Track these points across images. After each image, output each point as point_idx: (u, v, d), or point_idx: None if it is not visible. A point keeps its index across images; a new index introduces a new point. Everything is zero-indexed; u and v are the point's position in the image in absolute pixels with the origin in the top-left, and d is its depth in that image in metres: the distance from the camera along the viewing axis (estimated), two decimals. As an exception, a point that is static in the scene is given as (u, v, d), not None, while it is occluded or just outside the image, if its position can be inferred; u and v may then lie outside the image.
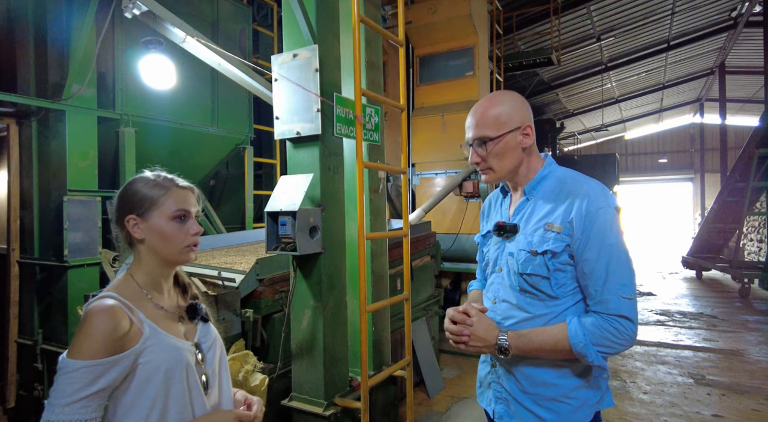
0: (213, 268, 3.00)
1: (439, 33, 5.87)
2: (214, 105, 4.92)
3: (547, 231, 1.31)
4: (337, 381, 2.63)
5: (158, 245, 1.19)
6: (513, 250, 1.38)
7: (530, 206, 1.40)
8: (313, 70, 2.45)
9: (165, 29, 2.77)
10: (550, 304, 1.32)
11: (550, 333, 1.28)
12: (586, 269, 1.26)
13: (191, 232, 1.22)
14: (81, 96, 3.62)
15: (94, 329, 1.04)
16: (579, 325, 1.25)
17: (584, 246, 1.26)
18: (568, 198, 1.31)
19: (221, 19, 4.86)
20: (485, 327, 1.35)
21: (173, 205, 1.19)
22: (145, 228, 1.18)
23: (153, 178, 1.23)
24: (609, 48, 12.39)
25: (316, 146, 2.51)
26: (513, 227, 1.40)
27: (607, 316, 1.23)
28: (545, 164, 1.43)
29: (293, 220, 2.38)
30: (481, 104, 1.41)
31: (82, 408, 1.00)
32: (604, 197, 1.29)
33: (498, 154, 1.36)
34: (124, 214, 1.19)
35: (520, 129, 1.36)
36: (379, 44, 3.09)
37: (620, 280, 1.23)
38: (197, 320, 1.29)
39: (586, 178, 1.37)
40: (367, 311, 2.47)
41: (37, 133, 3.79)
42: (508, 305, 1.40)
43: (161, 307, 1.22)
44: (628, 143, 23.76)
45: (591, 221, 1.25)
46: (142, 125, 4.16)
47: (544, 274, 1.30)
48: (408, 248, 2.84)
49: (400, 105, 2.84)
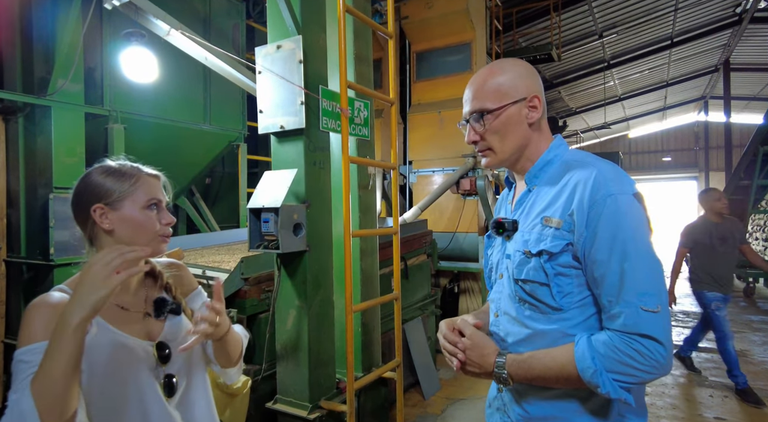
0: (198, 266, 2.92)
1: (436, 28, 5.77)
2: (206, 102, 4.86)
3: (545, 227, 1.06)
4: (322, 383, 2.55)
5: (129, 236, 1.11)
6: (510, 251, 1.14)
7: (532, 197, 1.15)
8: (297, 62, 2.37)
9: (149, 22, 2.69)
10: (554, 318, 1.05)
11: (554, 357, 1.02)
12: (596, 274, 0.99)
13: (163, 221, 1.16)
14: (67, 92, 3.56)
15: (32, 318, 0.98)
16: (588, 346, 0.98)
17: (590, 245, 0.99)
18: (570, 184, 1.04)
19: (214, 14, 4.79)
20: (481, 349, 1.11)
21: (145, 194, 1.13)
22: (115, 218, 1.10)
23: (118, 167, 1.15)
24: (611, 45, 12.26)
25: (301, 140, 2.43)
26: (513, 224, 1.15)
27: (625, 335, 0.94)
28: (551, 146, 1.16)
29: (276, 217, 2.30)
30: (480, 73, 1.17)
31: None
32: (615, 180, 1.00)
33: (499, 130, 1.12)
34: (88, 205, 1.10)
35: (526, 100, 1.11)
36: (368, 37, 3.01)
37: (640, 287, 0.94)
38: (165, 315, 1.20)
39: (595, 158, 1.09)
40: (353, 312, 2.39)
41: (24, 129, 3.72)
42: (508, 319, 1.15)
43: (120, 306, 1.14)
44: (632, 141, 23.59)
45: (597, 213, 0.97)
46: (131, 122, 4.09)
47: (541, 280, 1.05)
48: (398, 246, 2.75)
49: (389, 98, 2.76)
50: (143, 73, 3.03)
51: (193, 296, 1.34)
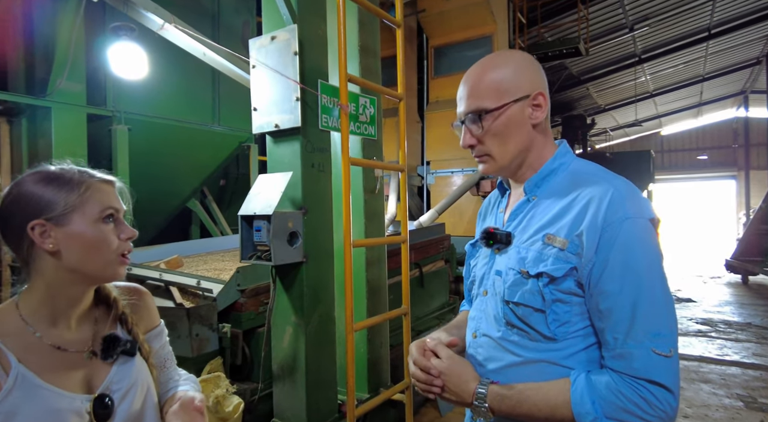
0: (192, 276, 2.74)
1: (455, 21, 5.49)
2: (215, 101, 4.72)
3: (546, 245, 0.93)
4: (321, 407, 2.32)
5: (79, 258, 0.89)
6: (502, 268, 1.01)
7: (531, 208, 1.01)
8: (292, 54, 2.15)
9: (141, 16, 2.52)
10: (543, 347, 0.93)
11: (546, 396, 0.89)
12: (602, 306, 0.87)
13: (123, 236, 0.94)
14: (68, 92, 3.45)
15: None
16: (588, 388, 0.86)
17: (599, 272, 0.87)
18: (580, 201, 0.92)
19: (223, 11, 4.64)
20: (458, 375, 0.98)
21: (98, 204, 0.91)
22: (60, 237, 0.88)
23: (60, 172, 0.92)
24: (643, 38, 11.66)
25: (297, 140, 2.21)
26: (506, 237, 1.01)
27: (632, 379, 0.83)
28: (556, 154, 1.03)
29: (268, 225, 2.08)
30: (476, 67, 1.03)
31: None
32: (633, 201, 0.89)
33: (499, 133, 0.99)
34: (24, 221, 0.87)
35: (530, 98, 0.98)
36: (375, 27, 2.77)
37: (654, 327, 0.83)
38: (115, 356, 0.96)
39: (609, 174, 0.97)
40: (354, 330, 2.15)
41: (27, 131, 3.64)
42: (490, 342, 1.02)
43: (56, 346, 0.91)
44: (664, 139, 22.61)
45: (611, 237, 0.86)
46: (136, 123, 3.97)
47: (536, 305, 0.92)
48: (407, 256, 2.50)
49: (397, 94, 2.51)
50: (132, 70, 2.87)
51: (151, 335, 1.10)
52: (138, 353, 1.01)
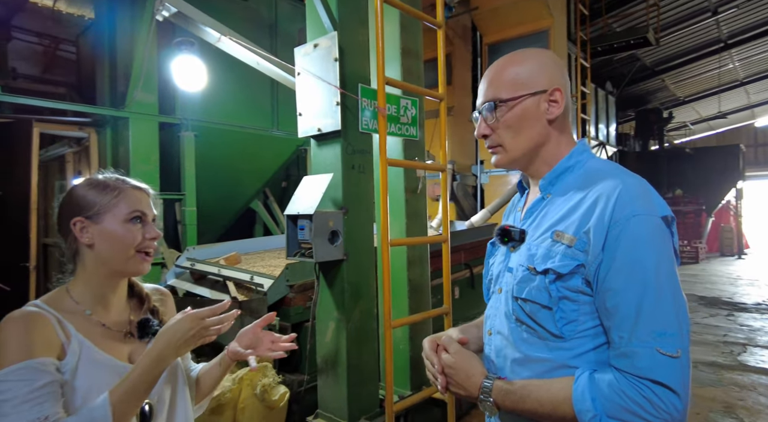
0: (247, 272, 2.93)
1: (509, 17, 5.36)
2: (273, 107, 4.96)
3: (555, 242, 0.93)
4: (363, 401, 2.39)
5: (108, 252, 1.06)
6: (513, 265, 1.02)
7: (545, 206, 1.02)
8: (333, 60, 2.24)
9: (199, 30, 2.74)
10: (552, 345, 0.93)
11: (549, 392, 0.90)
12: (608, 304, 0.86)
13: (147, 235, 1.09)
14: (143, 103, 3.80)
15: (6, 337, 0.93)
16: (589, 385, 0.85)
17: (606, 270, 0.86)
18: (589, 198, 0.92)
19: (279, 20, 4.88)
20: (466, 369, 1.00)
21: (127, 206, 1.08)
22: (95, 232, 1.05)
23: (103, 179, 1.11)
24: (729, 22, 10.63)
25: (338, 143, 2.30)
26: (520, 234, 1.02)
27: (635, 378, 0.81)
28: (572, 152, 1.02)
29: (311, 224, 2.19)
30: (498, 62, 1.06)
31: (35, 406, 0.89)
32: (643, 198, 0.87)
33: (512, 124, 1.01)
34: (69, 217, 1.06)
35: (546, 93, 0.99)
36: (418, 30, 2.80)
37: (659, 326, 0.82)
38: (148, 338, 1.14)
39: (622, 171, 0.96)
40: (392, 327, 2.20)
41: (111, 139, 4.06)
42: (501, 339, 1.03)
43: (102, 324, 1.08)
44: (759, 131, 20.40)
45: (618, 234, 0.85)
46: (202, 129, 4.29)
47: (543, 302, 0.93)
48: (448, 256, 2.51)
49: (437, 94, 2.52)
50: (193, 81, 3.11)
51: None
52: None
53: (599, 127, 8.28)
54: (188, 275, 3.43)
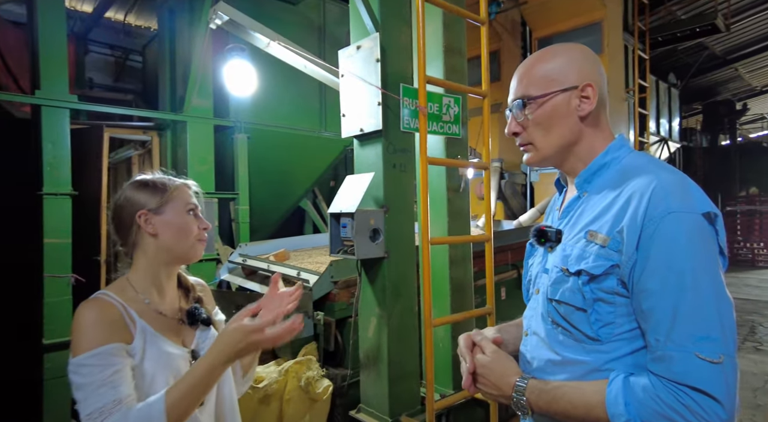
0: (294, 268, 3.03)
1: (560, 10, 5.18)
2: (322, 109, 5.09)
3: (588, 242, 0.90)
4: (404, 398, 2.41)
5: (171, 239, 1.18)
6: (550, 266, 1.00)
7: (581, 205, 0.99)
8: (374, 61, 2.28)
9: (250, 36, 2.87)
10: (589, 348, 0.91)
11: (582, 395, 0.88)
12: (644, 306, 0.83)
13: (201, 226, 1.22)
14: (199, 107, 4.03)
15: (83, 324, 1.04)
16: (624, 389, 0.82)
17: (640, 270, 0.82)
18: (624, 195, 0.88)
19: (327, 23, 5.00)
20: (501, 369, 0.99)
21: (183, 200, 1.21)
22: (158, 222, 1.17)
23: (154, 178, 1.23)
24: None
25: (379, 143, 2.33)
26: (557, 234, 1.00)
27: (671, 384, 0.78)
28: (609, 148, 0.99)
29: (352, 222, 2.24)
30: (528, 58, 1.05)
31: (110, 390, 0.99)
32: (680, 194, 0.83)
33: (542, 122, 0.99)
34: (132, 213, 1.18)
35: (577, 89, 0.97)
36: (461, 27, 2.77)
37: (698, 329, 0.77)
38: (197, 325, 1.25)
39: (659, 166, 0.91)
40: (433, 326, 2.20)
41: (171, 142, 4.33)
42: (537, 340, 1.02)
43: (159, 311, 1.18)
44: None
45: (652, 232, 0.82)
46: (254, 131, 4.47)
47: (577, 304, 0.90)
48: (491, 255, 2.48)
49: (481, 91, 2.49)
50: (244, 86, 3.26)
51: (213, 314, 1.37)
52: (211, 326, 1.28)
53: (660, 122, 7.81)
54: (240, 271, 3.60)
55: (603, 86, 1.00)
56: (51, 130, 3.21)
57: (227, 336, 1.04)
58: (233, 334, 1.03)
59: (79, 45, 6.44)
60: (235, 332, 1.03)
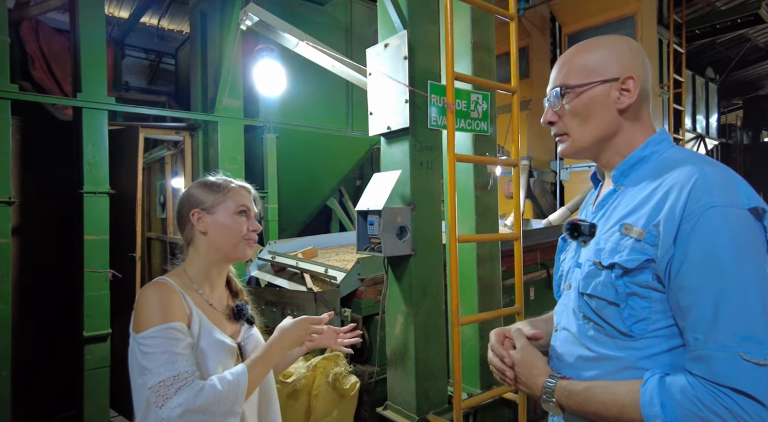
0: (322, 265, 3.06)
1: (590, 4, 5.05)
2: (348, 108, 5.12)
3: (623, 236, 0.88)
4: (432, 397, 2.41)
5: (219, 238, 1.24)
6: (582, 260, 0.99)
7: (616, 198, 0.97)
8: (402, 58, 2.28)
9: (279, 36, 2.92)
10: (621, 344, 0.88)
11: (614, 395, 0.85)
12: (682, 302, 0.80)
13: (251, 228, 1.27)
14: (230, 108, 4.12)
15: (150, 302, 1.11)
16: (659, 390, 0.79)
17: (678, 265, 0.80)
18: (662, 188, 0.86)
19: (354, 23, 5.02)
20: (530, 367, 0.98)
21: (235, 202, 1.26)
22: (209, 222, 1.24)
23: (214, 180, 1.31)
24: None
25: (406, 140, 2.33)
26: (590, 228, 0.98)
27: (712, 385, 0.74)
28: (648, 141, 0.96)
29: (379, 219, 2.25)
30: (569, 50, 1.03)
31: (184, 360, 1.04)
32: (724, 188, 0.80)
33: (579, 112, 0.96)
34: (188, 211, 1.25)
35: (618, 82, 0.94)
36: (489, 24, 2.74)
37: (743, 328, 0.74)
38: (242, 321, 1.32)
39: (701, 159, 0.88)
40: (460, 324, 2.19)
41: (202, 142, 4.44)
42: (568, 336, 1.00)
43: (209, 303, 1.25)
44: None
45: (691, 227, 0.78)
46: (283, 131, 4.54)
47: (609, 298, 0.88)
48: (520, 253, 2.44)
49: (510, 87, 2.46)
50: (273, 86, 3.31)
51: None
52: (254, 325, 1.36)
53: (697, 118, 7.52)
54: (269, 267, 3.66)
55: (646, 80, 0.97)
56: (91, 131, 3.35)
57: (292, 328, 1.26)
58: (297, 326, 1.27)
59: (117, 49, 6.69)
60: (299, 324, 1.28)
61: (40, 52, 4.83)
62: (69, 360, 3.52)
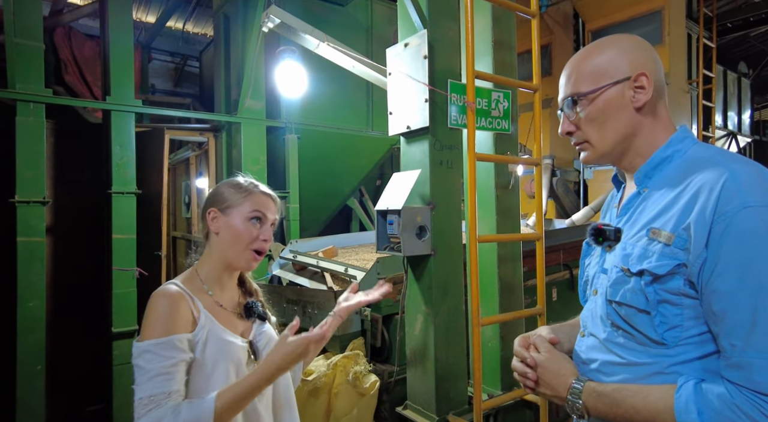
0: (342, 264, 3.08)
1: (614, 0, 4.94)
2: (368, 108, 5.13)
3: (651, 240, 0.85)
4: (452, 397, 2.40)
5: (227, 241, 1.23)
6: (609, 266, 0.96)
7: (641, 201, 0.94)
8: (422, 58, 2.28)
9: (300, 38, 2.95)
10: (653, 352, 0.86)
11: (646, 399, 0.83)
12: (715, 308, 0.77)
13: (261, 236, 1.24)
14: (252, 109, 4.18)
15: (155, 312, 1.12)
16: (696, 396, 0.77)
17: (711, 269, 0.77)
18: (690, 190, 0.83)
19: (375, 23, 5.03)
20: (557, 369, 0.96)
21: (251, 206, 1.24)
22: (222, 222, 1.23)
23: (240, 181, 1.30)
24: None
25: (426, 140, 2.33)
26: (615, 233, 0.95)
27: (752, 393, 0.72)
28: (671, 140, 0.93)
29: (399, 219, 2.25)
30: (576, 55, 1.01)
31: (164, 381, 1.05)
32: (756, 187, 0.77)
33: (596, 118, 0.94)
34: (208, 207, 1.27)
35: (630, 80, 0.92)
36: (511, 21, 2.71)
37: None
38: (253, 319, 1.31)
39: (730, 157, 0.85)
40: (480, 325, 2.17)
41: (225, 142, 4.52)
42: (595, 342, 0.98)
43: (219, 304, 1.25)
44: None
45: (724, 229, 0.76)
46: (304, 132, 4.59)
47: (639, 306, 0.85)
48: (542, 254, 2.41)
49: (532, 85, 2.43)
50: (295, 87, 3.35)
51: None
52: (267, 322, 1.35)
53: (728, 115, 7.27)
54: (290, 266, 3.71)
55: (659, 74, 0.94)
56: (119, 133, 3.45)
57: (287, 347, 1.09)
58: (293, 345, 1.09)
59: (144, 53, 6.87)
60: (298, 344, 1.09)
61: (72, 58, 5.00)
62: (99, 356, 3.64)
